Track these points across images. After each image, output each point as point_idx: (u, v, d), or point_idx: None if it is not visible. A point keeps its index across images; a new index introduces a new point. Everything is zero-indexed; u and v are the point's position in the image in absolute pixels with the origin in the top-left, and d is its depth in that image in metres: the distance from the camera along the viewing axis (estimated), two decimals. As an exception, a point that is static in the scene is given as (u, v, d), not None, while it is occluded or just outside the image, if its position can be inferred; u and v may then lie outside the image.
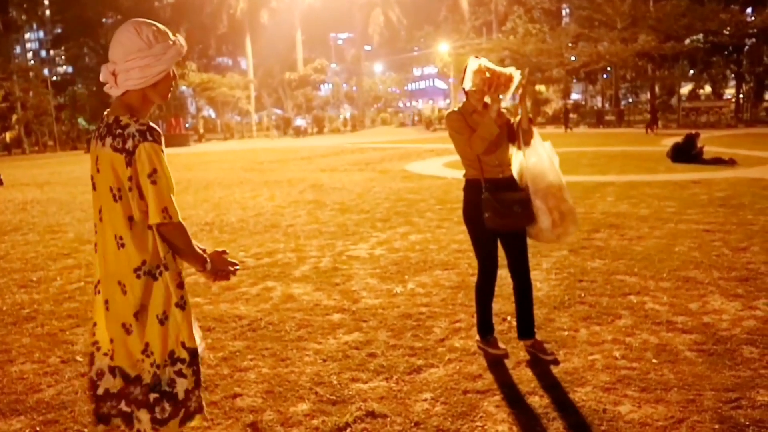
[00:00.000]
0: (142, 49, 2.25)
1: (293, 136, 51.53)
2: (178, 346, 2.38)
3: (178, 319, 2.37)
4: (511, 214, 3.95)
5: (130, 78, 2.27)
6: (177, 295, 2.37)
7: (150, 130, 2.25)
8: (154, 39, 2.27)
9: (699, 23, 43.39)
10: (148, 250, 2.32)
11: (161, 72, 2.30)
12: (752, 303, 4.93)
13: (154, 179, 2.24)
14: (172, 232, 2.33)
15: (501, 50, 52.71)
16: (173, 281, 2.36)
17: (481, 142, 3.93)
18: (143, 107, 2.36)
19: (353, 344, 4.45)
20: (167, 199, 2.26)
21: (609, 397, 3.50)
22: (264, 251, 7.61)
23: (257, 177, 17.42)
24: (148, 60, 2.25)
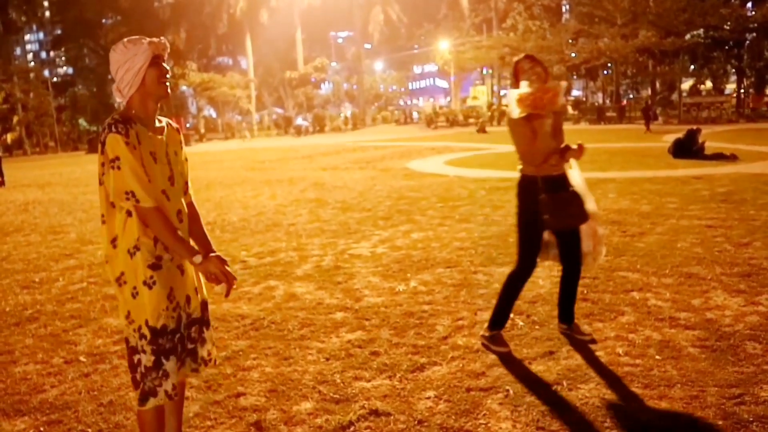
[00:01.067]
0: (119, 60, 2.59)
1: (294, 135, 51.50)
2: (143, 323, 2.59)
3: (145, 298, 2.58)
4: (569, 215, 3.98)
5: (125, 86, 2.60)
6: (146, 274, 2.57)
7: (116, 122, 2.52)
8: (125, 48, 2.58)
9: (699, 18, 43.25)
10: (122, 229, 2.58)
11: (140, 69, 2.57)
12: (755, 298, 4.93)
13: (117, 165, 2.49)
14: (144, 216, 2.55)
15: (501, 47, 52.66)
16: (144, 261, 2.57)
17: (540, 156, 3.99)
18: (143, 107, 2.64)
19: (356, 343, 4.45)
20: (133, 184, 2.49)
21: (612, 393, 3.50)
22: (266, 250, 7.62)
23: (258, 176, 17.42)
24: (128, 64, 2.57)
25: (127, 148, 2.49)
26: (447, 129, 48.04)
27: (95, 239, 9.02)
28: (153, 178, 2.58)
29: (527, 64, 4.07)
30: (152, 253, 2.60)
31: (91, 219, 11.06)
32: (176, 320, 2.69)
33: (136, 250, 2.57)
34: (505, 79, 61.55)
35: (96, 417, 3.53)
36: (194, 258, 2.61)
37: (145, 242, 2.58)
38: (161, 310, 2.60)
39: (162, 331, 2.61)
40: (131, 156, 2.50)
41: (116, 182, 2.50)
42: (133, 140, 2.52)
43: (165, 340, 2.62)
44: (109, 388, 3.91)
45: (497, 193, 11.42)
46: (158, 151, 2.65)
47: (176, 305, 2.69)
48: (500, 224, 8.47)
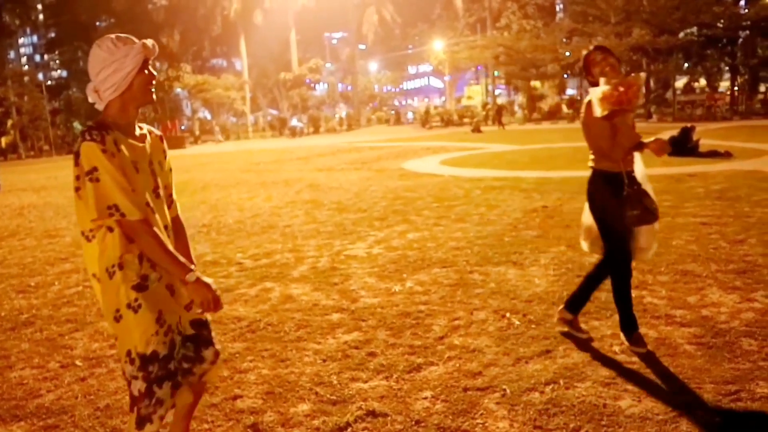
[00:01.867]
0: (106, 58, 2.37)
1: (289, 136, 51.46)
2: (133, 348, 2.40)
3: (130, 322, 2.37)
4: (649, 211, 3.90)
5: (107, 89, 2.39)
6: (129, 296, 2.37)
7: (90, 129, 2.32)
8: (114, 46, 2.38)
9: (693, 16, 43.35)
10: (106, 246, 2.38)
11: (129, 73, 2.38)
12: (750, 295, 4.94)
13: (96, 177, 2.28)
14: (131, 230, 2.34)
15: (495, 47, 52.74)
16: (127, 282, 2.36)
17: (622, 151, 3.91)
18: (123, 113, 2.44)
19: (353, 344, 4.45)
20: (116, 196, 2.29)
21: (609, 391, 3.51)
22: (262, 252, 7.61)
23: (254, 178, 17.41)
24: (115, 66, 2.36)
25: (104, 157, 2.27)
26: (442, 129, 48.06)
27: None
28: (137, 189, 2.38)
29: (599, 55, 3.98)
30: (137, 272, 2.38)
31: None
32: (169, 345, 2.45)
33: (118, 269, 2.36)
34: (500, 79, 61.71)
35: (93, 421, 3.52)
36: (188, 275, 2.38)
37: (128, 260, 2.37)
38: (150, 335, 2.38)
39: (152, 357, 2.39)
40: (110, 165, 2.28)
41: (96, 196, 2.28)
42: (111, 147, 2.30)
43: (156, 368, 2.41)
44: (105, 392, 3.90)
45: (493, 193, 11.42)
46: (140, 161, 2.44)
47: (168, 329, 2.45)
48: (496, 224, 8.48)
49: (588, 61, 4.02)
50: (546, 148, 22.01)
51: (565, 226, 8.03)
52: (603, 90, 3.80)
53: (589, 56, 4.02)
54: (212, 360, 2.65)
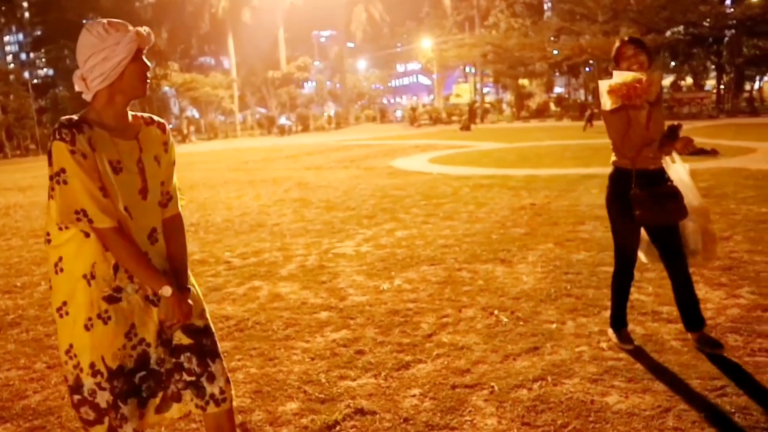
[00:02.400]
0: (96, 44, 2.18)
1: (277, 134, 51.33)
2: (99, 359, 2.24)
3: (99, 333, 2.22)
4: (664, 210, 3.77)
5: (95, 77, 2.20)
6: (100, 307, 2.22)
7: (60, 128, 2.14)
8: (105, 32, 2.19)
9: (679, 15, 43.68)
10: (68, 251, 2.22)
11: (121, 62, 2.18)
12: (736, 291, 4.98)
13: (63, 179, 2.12)
14: (102, 237, 2.18)
15: (484, 45, 52.84)
16: (99, 291, 2.22)
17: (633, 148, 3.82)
18: (109, 106, 2.25)
19: (341, 342, 4.44)
20: (83, 201, 2.12)
21: (596, 388, 3.52)
22: (250, 251, 7.59)
23: (242, 177, 17.35)
24: (105, 53, 2.17)
25: (73, 158, 2.10)
26: (430, 127, 48.10)
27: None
28: (112, 193, 2.18)
29: (630, 50, 3.83)
30: (109, 282, 2.23)
31: (73, 222, 10.95)
32: (137, 359, 2.30)
33: (92, 277, 2.21)
34: (488, 77, 61.82)
35: (79, 422, 3.49)
36: (162, 289, 2.24)
37: (101, 269, 2.22)
38: (116, 349, 2.24)
39: (118, 371, 2.25)
40: (79, 167, 2.10)
41: (63, 199, 2.12)
42: (82, 147, 2.12)
43: (121, 382, 2.26)
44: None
45: (481, 191, 11.45)
46: (124, 159, 2.24)
47: (139, 342, 2.30)
48: (484, 221, 8.50)
49: (618, 54, 3.87)
50: (534, 146, 22.08)
51: (552, 223, 8.06)
52: (610, 83, 3.76)
53: (620, 49, 3.87)
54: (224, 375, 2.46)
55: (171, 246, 2.40)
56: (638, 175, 3.81)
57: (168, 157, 2.42)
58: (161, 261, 2.35)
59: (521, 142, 24.86)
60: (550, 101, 56.20)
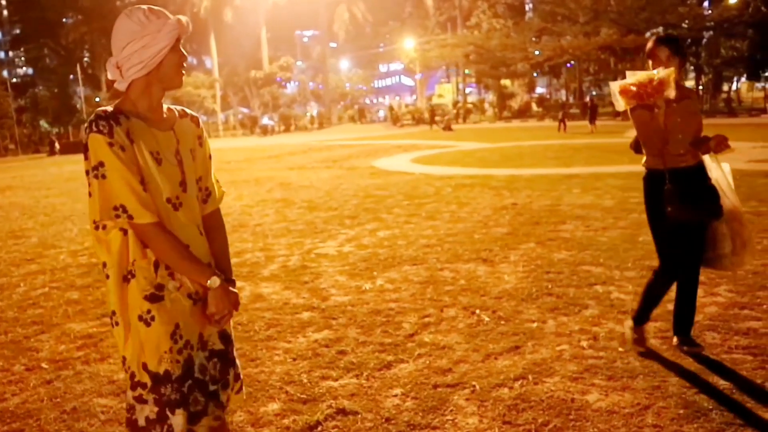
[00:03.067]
0: (136, 31, 2.06)
1: (260, 134, 51.15)
2: (139, 368, 2.10)
3: (141, 336, 2.08)
4: (696, 207, 3.68)
5: (132, 66, 2.08)
6: (141, 307, 2.08)
7: (98, 119, 2.03)
8: (146, 19, 2.07)
9: (659, 16, 44.18)
10: (111, 252, 2.10)
11: (161, 50, 2.07)
12: (713, 290, 5.04)
13: (102, 173, 2.00)
14: (142, 234, 2.06)
15: (466, 45, 53.05)
16: (140, 291, 2.08)
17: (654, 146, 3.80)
18: (146, 96, 2.14)
19: (323, 342, 4.44)
20: (123, 196, 2.00)
21: (577, 386, 3.55)
22: (232, 251, 7.50)
23: (224, 177, 17.23)
24: (146, 40, 2.06)
25: (111, 151, 1.99)
26: (413, 127, 48.16)
27: (57, 243, 8.85)
28: (154, 186, 2.09)
29: (664, 53, 3.74)
30: (150, 281, 2.09)
31: (54, 223, 10.85)
32: (184, 365, 2.13)
33: (131, 276, 2.09)
34: (470, 78, 62.01)
35: (59, 425, 3.47)
36: (210, 280, 2.13)
37: (142, 267, 2.09)
38: (162, 352, 2.08)
39: (165, 378, 2.09)
40: (118, 160, 2.00)
41: (102, 195, 2.01)
42: (120, 140, 2.02)
43: (169, 390, 2.09)
44: (72, 394, 3.84)
45: (463, 190, 11.49)
46: (164, 150, 2.14)
47: (185, 345, 2.14)
48: (466, 221, 8.53)
49: (652, 53, 3.79)
50: (516, 146, 22.20)
51: (534, 223, 8.11)
52: (621, 83, 3.71)
53: (653, 50, 3.79)
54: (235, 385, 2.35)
55: (214, 242, 2.31)
56: (670, 173, 3.71)
57: (203, 152, 2.35)
58: (206, 254, 2.24)
59: (503, 142, 24.97)
60: (531, 101, 56.52)
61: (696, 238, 3.80)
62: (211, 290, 2.15)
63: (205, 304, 2.17)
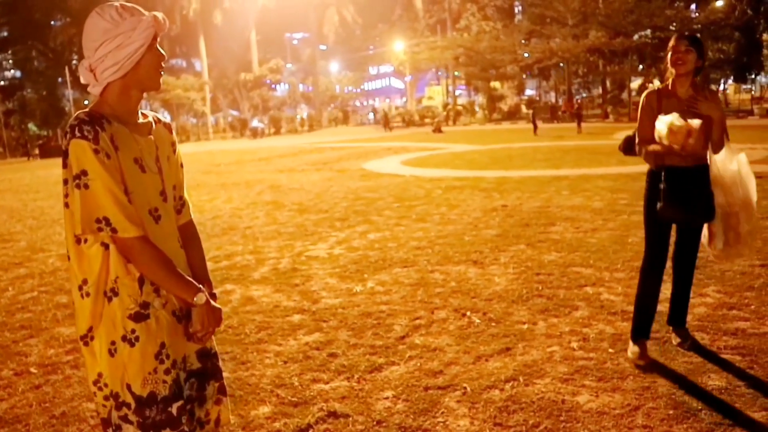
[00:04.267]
0: (109, 30, 1.93)
1: (250, 137, 51.04)
2: (123, 389, 1.98)
3: (125, 357, 1.96)
4: (688, 209, 3.72)
5: (107, 68, 1.95)
6: (126, 327, 1.96)
7: (81, 123, 1.88)
8: (119, 16, 1.94)
9: (646, 19, 44.50)
10: (91, 268, 1.95)
11: (137, 50, 1.95)
12: (702, 291, 5.07)
13: (85, 182, 1.86)
14: (124, 249, 1.93)
15: (455, 48, 53.21)
16: (124, 310, 1.96)
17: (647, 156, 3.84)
18: (124, 99, 2.01)
19: (314, 345, 4.44)
20: (107, 208, 1.87)
21: (567, 387, 3.56)
22: (222, 254, 7.53)
23: (214, 179, 17.21)
24: (120, 40, 1.93)
25: (96, 159, 1.85)
26: (403, 129, 48.22)
27: (46, 247, 8.80)
28: (138, 196, 1.97)
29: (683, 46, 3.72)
30: (135, 299, 1.97)
31: (42, 226, 10.79)
32: (171, 385, 2.02)
33: (113, 294, 1.96)
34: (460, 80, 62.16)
35: (48, 429, 3.45)
36: (197, 297, 2.02)
37: (126, 284, 1.96)
38: (146, 373, 1.98)
39: (150, 399, 1.99)
40: (103, 169, 1.86)
41: (84, 206, 1.87)
42: (105, 146, 1.88)
43: (155, 411, 1.99)
44: (61, 399, 3.82)
45: (453, 192, 11.51)
46: (146, 157, 2.02)
47: (172, 365, 2.02)
48: (456, 223, 8.54)
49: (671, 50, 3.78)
50: (506, 148, 22.26)
51: (524, 224, 8.13)
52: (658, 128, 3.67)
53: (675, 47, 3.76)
54: (214, 397, 2.24)
55: (191, 254, 2.21)
56: (668, 171, 3.76)
57: (176, 160, 2.21)
58: (185, 268, 2.14)
59: (493, 144, 25.04)
60: (521, 103, 56.71)
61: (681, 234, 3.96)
62: (197, 307, 2.04)
63: (189, 321, 2.07)
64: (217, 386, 2.24)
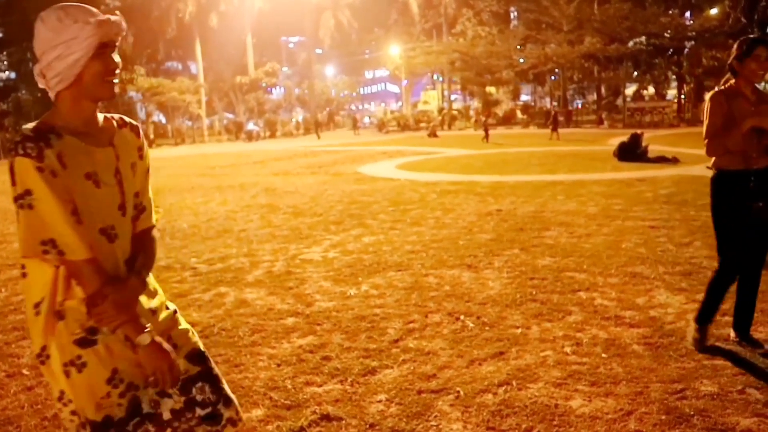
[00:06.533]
0: (49, 40, 1.80)
1: (245, 140, 51.01)
2: (81, 411, 1.90)
3: (74, 382, 1.86)
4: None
5: (52, 77, 1.84)
6: (72, 352, 1.85)
7: (25, 139, 1.76)
8: (59, 24, 1.79)
9: (641, 26, 44.73)
10: (43, 286, 1.85)
11: (77, 62, 1.80)
12: (696, 296, 5.08)
13: (29, 202, 1.75)
14: (73, 272, 1.82)
15: (451, 53, 53.32)
16: (69, 334, 1.85)
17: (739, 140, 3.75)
18: (76, 109, 1.89)
19: (307, 348, 4.43)
20: (53, 229, 1.76)
21: (560, 392, 3.57)
22: (216, 257, 7.52)
23: (209, 182, 17.19)
24: (59, 50, 1.79)
25: (41, 178, 1.74)
26: (398, 133, 48.26)
27: (38, 248, 8.75)
28: (90, 215, 1.85)
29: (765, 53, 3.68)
30: (81, 323, 1.85)
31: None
32: (127, 407, 1.93)
33: (60, 317, 1.85)
34: (456, 85, 62.27)
35: (40, 431, 3.43)
36: (139, 337, 1.87)
37: (72, 308, 1.85)
38: (99, 399, 1.88)
39: (105, 424, 1.89)
40: (48, 188, 1.74)
41: (28, 227, 1.76)
42: (51, 164, 1.76)
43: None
44: (53, 401, 3.79)
45: (448, 197, 11.52)
46: (101, 171, 1.90)
47: (127, 388, 1.92)
48: (450, 227, 8.55)
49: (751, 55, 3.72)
50: (500, 153, 22.31)
51: (518, 229, 8.15)
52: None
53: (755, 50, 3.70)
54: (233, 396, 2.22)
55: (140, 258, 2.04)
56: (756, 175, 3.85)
57: (143, 165, 2.09)
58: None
59: (488, 149, 25.08)
60: (516, 109, 56.86)
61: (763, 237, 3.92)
62: (141, 347, 1.88)
63: None
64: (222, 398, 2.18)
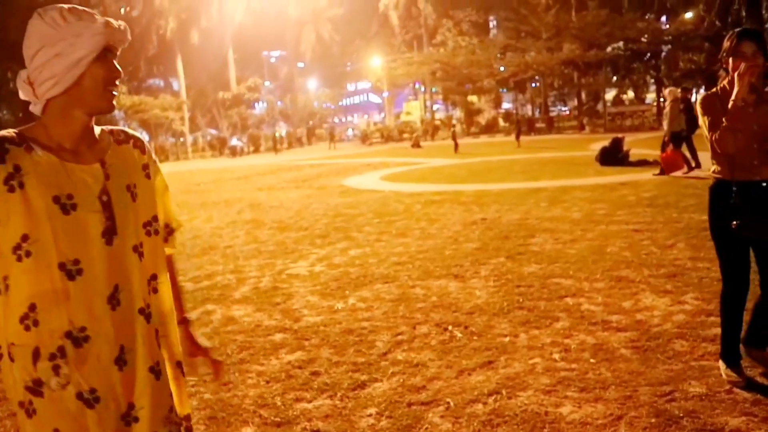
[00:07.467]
0: (49, 36, 1.59)
1: (229, 155, 50.88)
2: None
3: (27, 427, 1.63)
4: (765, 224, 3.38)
5: (44, 81, 1.60)
6: (24, 396, 1.61)
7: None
8: (62, 20, 1.59)
9: (619, 32, 45.26)
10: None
11: (80, 61, 1.59)
12: (681, 298, 5.12)
13: None
14: None
15: (432, 63, 53.59)
16: (21, 378, 1.61)
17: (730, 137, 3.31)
18: (64, 121, 1.65)
19: (296, 363, 4.41)
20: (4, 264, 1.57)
21: (550, 399, 3.57)
22: (202, 274, 7.47)
23: (193, 198, 17.11)
24: (60, 47, 1.58)
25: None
26: (382, 144, 48.36)
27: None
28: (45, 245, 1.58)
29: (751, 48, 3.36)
30: (29, 371, 1.60)
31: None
32: None
33: (10, 359, 1.62)
34: (438, 95, 62.56)
35: None
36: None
37: (18, 354, 1.61)
38: None
39: None
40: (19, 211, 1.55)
41: None
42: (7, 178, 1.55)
43: None
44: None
45: (433, 207, 11.54)
46: (79, 192, 1.63)
47: None
48: (436, 237, 8.56)
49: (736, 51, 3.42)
50: (484, 162, 22.41)
51: (503, 237, 8.17)
52: None
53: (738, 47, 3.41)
54: None
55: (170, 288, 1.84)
56: (739, 186, 3.43)
57: (151, 185, 1.85)
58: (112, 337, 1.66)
59: (471, 157, 25.19)
60: (498, 117, 57.18)
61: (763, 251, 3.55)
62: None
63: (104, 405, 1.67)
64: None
